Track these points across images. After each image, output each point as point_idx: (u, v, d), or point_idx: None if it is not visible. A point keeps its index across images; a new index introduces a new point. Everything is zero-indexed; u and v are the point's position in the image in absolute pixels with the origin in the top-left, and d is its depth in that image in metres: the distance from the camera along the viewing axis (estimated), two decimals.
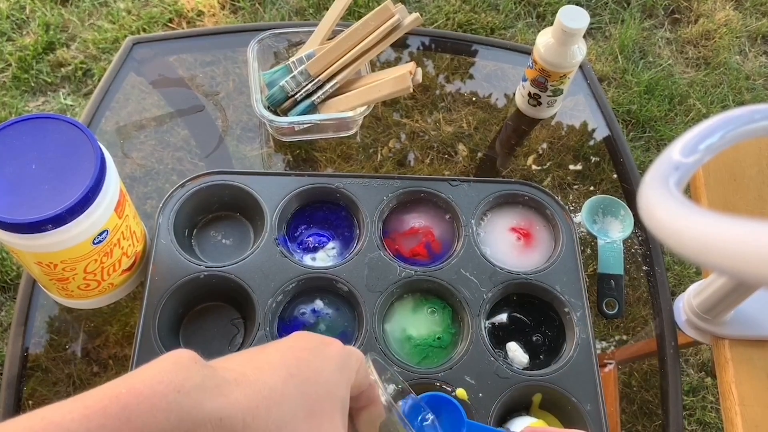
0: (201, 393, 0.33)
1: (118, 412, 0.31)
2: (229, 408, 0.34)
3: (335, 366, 0.39)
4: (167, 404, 0.32)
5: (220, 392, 0.34)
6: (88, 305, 0.70)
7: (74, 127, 0.58)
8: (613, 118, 0.93)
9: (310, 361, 0.39)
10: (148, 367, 0.34)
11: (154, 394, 0.32)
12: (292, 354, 0.39)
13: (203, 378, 0.34)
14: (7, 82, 1.58)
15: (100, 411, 0.31)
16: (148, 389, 0.32)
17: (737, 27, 1.88)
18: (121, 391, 0.32)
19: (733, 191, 0.80)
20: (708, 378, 1.36)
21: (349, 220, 0.77)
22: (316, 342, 0.40)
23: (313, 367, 0.38)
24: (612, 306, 0.76)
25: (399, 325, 0.71)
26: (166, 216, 0.72)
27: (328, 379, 0.38)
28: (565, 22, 0.78)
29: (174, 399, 0.32)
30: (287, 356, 0.38)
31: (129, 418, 0.31)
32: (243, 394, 0.35)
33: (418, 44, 0.98)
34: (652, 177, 0.39)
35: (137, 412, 0.31)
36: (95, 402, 0.32)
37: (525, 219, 0.79)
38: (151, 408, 0.32)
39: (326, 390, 0.38)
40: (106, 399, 0.32)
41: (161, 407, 0.32)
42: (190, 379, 0.33)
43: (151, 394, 0.32)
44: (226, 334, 0.69)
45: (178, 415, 0.32)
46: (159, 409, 0.32)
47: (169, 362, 0.34)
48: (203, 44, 0.95)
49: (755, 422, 0.66)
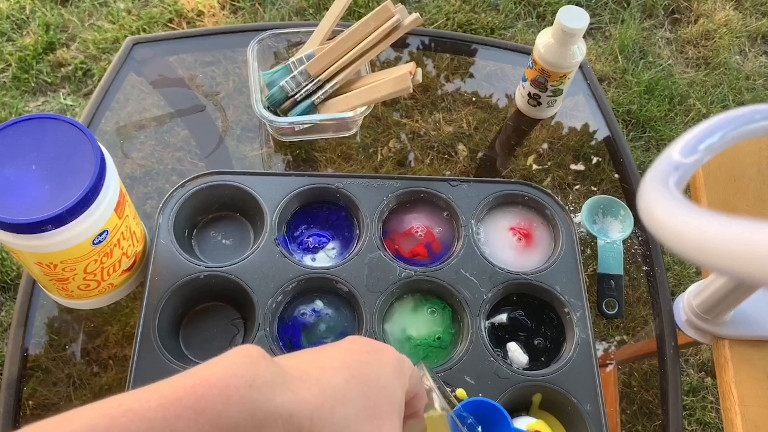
0: (272, 388, 0.34)
1: (193, 403, 0.32)
2: (298, 405, 0.34)
3: (392, 370, 0.40)
4: (240, 397, 0.32)
5: (288, 388, 0.34)
6: (88, 305, 0.70)
7: (74, 127, 0.58)
8: (613, 118, 0.93)
9: (369, 364, 0.39)
10: (220, 361, 0.34)
11: (228, 387, 0.32)
12: (351, 356, 0.39)
13: (272, 374, 0.34)
14: (7, 82, 1.58)
15: (175, 401, 0.31)
16: (221, 382, 0.33)
17: (737, 27, 1.88)
18: (195, 382, 0.32)
19: (732, 191, 0.80)
20: (708, 378, 1.36)
21: (349, 221, 0.77)
22: (372, 346, 0.41)
23: (373, 370, 0.39)
24: (612, 306, 0.76)
25: (399, 326, 0.71)
26: (166, 216, 0.72)
27: (387, 382, 0.39)
28: (565, 22, 0.78)
29: (246, 393, 0.33)
30: (347, 358, 0.39)
31: (204, 409, 0.32)
32: (310, 392, 0.35)
33: (418, 44, 0.98)
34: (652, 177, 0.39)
35: (212, 404, 0.32)
36: (171, 392, 0.32)
37: (525, 219, 0.79)
38: (225, 400, 0.32)
39: (385, 393, 0.38)
40: (181, 390, 0.32)
41: (235, 400, 0.32)
42: (260, 374, 0.34)
43: (224, 387, 0.32)
44: (226, 334, 0.69)
45: (250, 408, 0.32)
46: (233, 402, 0.32)
47: (240, 356, 0.34)
48: (203, 44, 0.95)
49: (755, 422, 0.66)
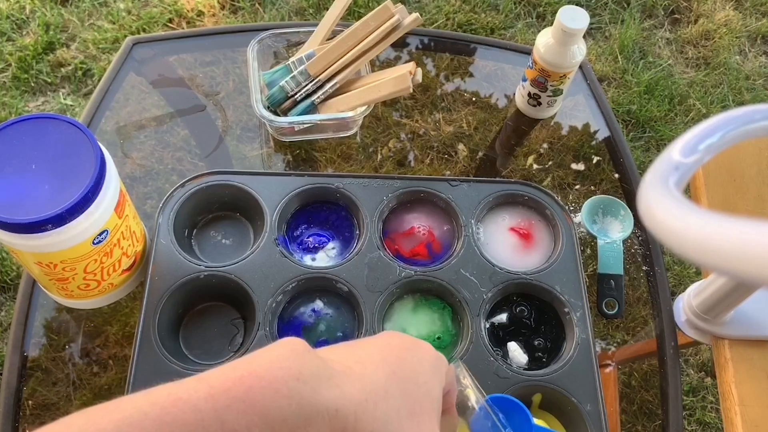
0: (318, 382, 0.34)
1: (243, 394, 0.32)
2: (344, 400, 0.34)
3: (430, 367, 0.40)
4: (288, 390, 0.32)
5: (334, 383, 0.34)
6: (88, 305, 0.70)
7: (74, 127, 0.58)
8: (613, 118, 0.93)
9: (408, 360, 0.39)
10: (266, 352, 0.34)
11: (276, 380, 0.32)
12: (390, 352, 0.39)
13: (317, 367, 0.34)
14: (7, 82, 1.58)
15: (224, 392, 0.31)
16: (269, 374, 0.33)
17: (737, 27, 1.88)
18: (243, 374, 0.32)
19: (732, 191, 0.80)
20: (708, 378, 1.36)
21: (349, 220, 0.77)
22: (410, 342, 0.41)
23: (412, 367, 0.39)
24: (612, 306, 0.76)
25: (399, 325, 0.71)
26: (166, 216, 0.72)
27: (426, 379, 0.39)
28: (565, 22, 0.78)
29: (294, 386, 0.33)
30: (386, 354, 0.39)
31: (253, 401, 0.32)
32: (354, 388, 0.35)
33: (417, 44, 0.98)
34: (652, 177, 0.39)
35: (261, 396, 0.32)
36: (220, 383, 0.32)
37: (525, 219, 0.79)
38: (274, 393, 0.32)
39: (425, 390, 0.38)
40: (230, 381, 0.32)
41: (283, 393, 0.32)
42: (306, 368, 0.34)
43: (273, 379, 0.32)
44: (226, 334, 0.69)
45: (298, 402, 0.32)
46: (281, 395, 0.32)
47: (286, 349, 0.34)
48: (203, 44, 0.95)
49: (755, 422, 0.66)
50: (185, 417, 0.30)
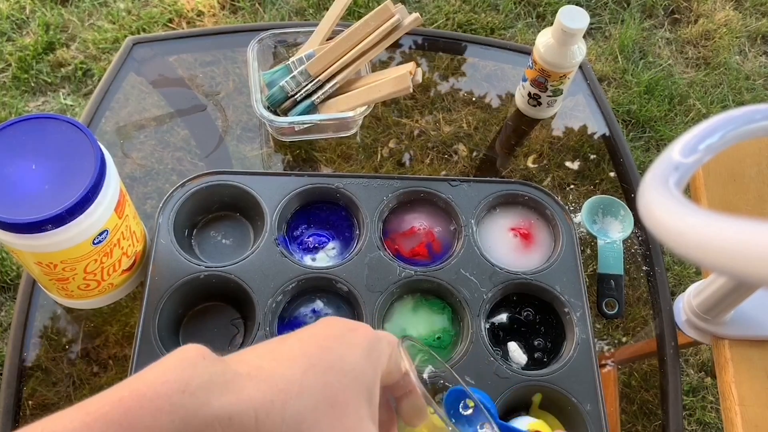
0: (208, 391, 0.32)
1: (120, 417, 0.30)
2: (240, 405, 0.32)
3: (362, 352, 0.37)
4: (170, 406, 0.31)
5: (229, 388, 0.32)
6: (88, 305, 0.70)
7: (74, 127, 0.58)
8: (613, 118, 0.93)
9: (334, 349, 0.36)
10: (154, 367, 0.33)
11: (158, 396, 0.31)
12: (314, 342, 0.37)
13: (211, 375, 0.32)
14: (7, 82, 1.58)
15: (101, 417, 0.30)
16: (151, 391, 0.31)
17: (737, 27, 1.88)
18: (123, 394, 0.31)
19: (732, 191, 0.80)
20: (708, 378, 1.36)
21: (349, 221, 0.77)
22: (341, 328, 0.38)
23: (337, 355, 0.36)
24: (612, 306, 0.76)
25: (399, 325, 0.71)
26: (166, 216, 0.72)
27: (353, 366, 0.36)
28: (565, 23, 0.78)
29: (178, 400, 0.31)
30: (309, 345, 0.36)
31: (131, 423, 0.30)
32: (256, 389, 0.33)
33: (418, 44, 0.98)
34: (652, 177, 0.39)
35: (139, 416, 0.30)
36: (97, 408, 0.30)
37: (525, 219, 0.79)
38: (154, 411, 0.30)
39: (351, 378, 0.36)
40: (108, 405, 0.30)
41: (165, 410, 0.30)
42: (196, 377, 0.32)
43: (154, 396, 0.31)
44: (225, 334, 0.69)
45: (183, 417, 0.31)
46: (163, 412, 0.30)
47: (176, 359, 0.33)
48: (203, 44, 0.95)
49: (755, 422, 0.66)
50: None
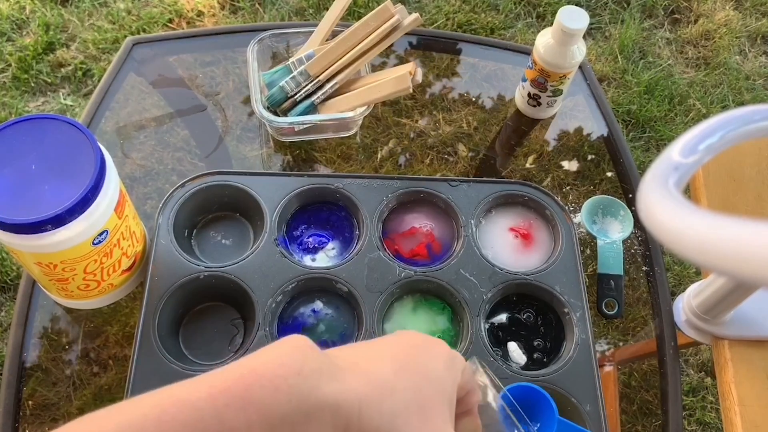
0: (319, 378, 0.34)
1: (242, 392, 0.32)
2: (346, 394, 0.34)
3: (443, 363, 0.39)
4: (288, 387, 0.33)
5: (336, 378, 0.34)
6: (88, 305, 0.70)
7: (74, 127, 0.58)
8: (613, 118, 0.93)
9: (419, 357, 0.39)
10: (268, 350, 0.35)
11: (276, 377, 0.33)
12: (401, 349, 0.39)
13: (320, 363, 0.34)
14: (7, 82, 1.58)
15: (224, 391, 0.32)
16: (269, 372, 0.33)
17: (737, 27, 1.88)
18: (243, 372, 0.33)
19: (732, 191, 0.80)
20: (708, 378, 1.36)
21: (349, 221, 0.77)
22: (423, 339, 0.41)
23: (423, 363, 0.38)
24: (612, 306, 0.76)
25: (398, 326, 0.71)
26: (166, 216, 0.72)
27: (437, 375, 0.38)
28: (565, 23, 0.78)
29: (294, 382, 0.33)
30: (397, 350, 0.39)
31: (252, 398, 0.32)
32: (358, 382, 0.35)
33: (417, 45, 0.98)
34: (651, 177, 0.39)
35: (260, 394, 0.32)
36: (220, 382, 0.32)
37: (524, 219, 0.79)
38: (273, 390, 0.32)
39: (436, 386, 0.38)
40: (230, 380, 0.32)
41: (283, 389, 0.32)
42: (308, 364, 0.34)
43: (272, 377, 0.33)
44: (225, 334, 0.69)
45: (298, 398, 0.33)
46: (281, 392, 0.32)
47: (288, 346, 0.35)
48: (203, 44, 0.95)
49: (755, 422, 0.66)
50: (183, 417, 0.31)
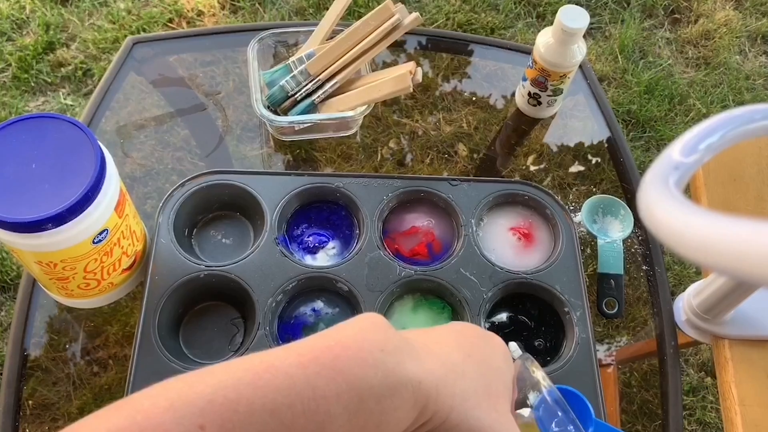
0: (401, 355, 0.34)
1: (330, 362, 0.32)
2: (426, 374, 0.35)
3: (502, 356, 0.42)
4: (374, 360, 0.33)
5: (414, 357, 0.35)
6: (88, 305, 0.70)
7: (74, 127, 0.58)
8: (613, 118, 0.93)
9: (482, 347, 0.41)
10: (349, 325, 0.35)
11: (362, 350, 0.33)
12: (464, 338, 0.41)
13: (400, 341, 0.35)
14: (7, 82, 1.58)
15: (313, 360, 0.32)
16: (355, 345, 0.33)
17: (737, 27, 1.88)
18: (330, 344, 0.33)
19: (732, 191, 0.80)
20: (708, 378, 1.36)
21: (349, 220, 0.77)
22: (482, 332, 0.43)
23: (487, 354, 0.41)
24: (612, 306, 0.76)
25: (399, 325, 0.71)
26: (166, 216, 0.72)
27: (498, 365, 0.41)
28: (565, 22, 0.78)
29: (379, 357, 0.33)
30: (460, 339, 0.40)
31: (341, 369, 0.32)
32: (434, 364, 0.36)
33: (417, 44, 0.98)
34: (652, 177, 0.39)
35: (348, 365, 0.33)
36: (308, 351, 0.33)
37: (525, 219, 0.79)
38: (361, 362, 0.33)
39: (498, 375, 0.40)
40: (318, 350, 0.33)
41: (369, 362, 0.33)
42: (390, 341, 0.35)
43: (358, 350, 0.33)
44: (226, 333, 0.69)
45: (384, 372, 0.33)
46: (367, 364, 0.33)
47: (368, 322, 0.35)
48: (203, 44, 0.95)
49: (755, 422, 0.66)
50: (277, 382, 0.31)
